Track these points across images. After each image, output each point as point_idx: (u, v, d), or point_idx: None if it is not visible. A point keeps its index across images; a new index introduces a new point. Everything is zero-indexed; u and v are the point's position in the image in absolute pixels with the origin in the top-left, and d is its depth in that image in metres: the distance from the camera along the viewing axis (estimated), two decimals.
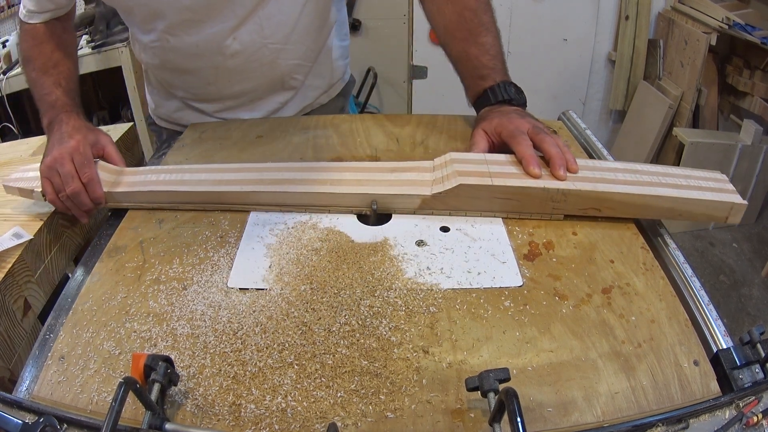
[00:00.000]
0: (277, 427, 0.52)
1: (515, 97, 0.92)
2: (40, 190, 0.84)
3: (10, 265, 0.75)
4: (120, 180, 0.86)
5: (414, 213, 0.77)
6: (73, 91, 0.98)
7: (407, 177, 0.77)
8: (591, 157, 0.95)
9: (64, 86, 0.97)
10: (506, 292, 0.65)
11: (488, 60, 0.93)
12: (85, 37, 2.34)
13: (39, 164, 0.86)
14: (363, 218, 0.78)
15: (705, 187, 0.71)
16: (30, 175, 0.88)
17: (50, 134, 0.91)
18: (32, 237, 0.79)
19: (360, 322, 0.61)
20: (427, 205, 0.75)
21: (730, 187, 0.71)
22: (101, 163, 0.87)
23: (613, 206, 0.70)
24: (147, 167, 0.91)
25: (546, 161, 0.76)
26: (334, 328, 0.61)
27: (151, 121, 1.28)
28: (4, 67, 2.38)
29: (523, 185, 0.70)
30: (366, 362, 0.57)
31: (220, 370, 0.57)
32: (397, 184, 0.76)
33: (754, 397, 0.52)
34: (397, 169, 0.79)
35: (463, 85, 0.99)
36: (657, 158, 2.70)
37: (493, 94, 0.92)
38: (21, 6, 1.02)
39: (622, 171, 0.72)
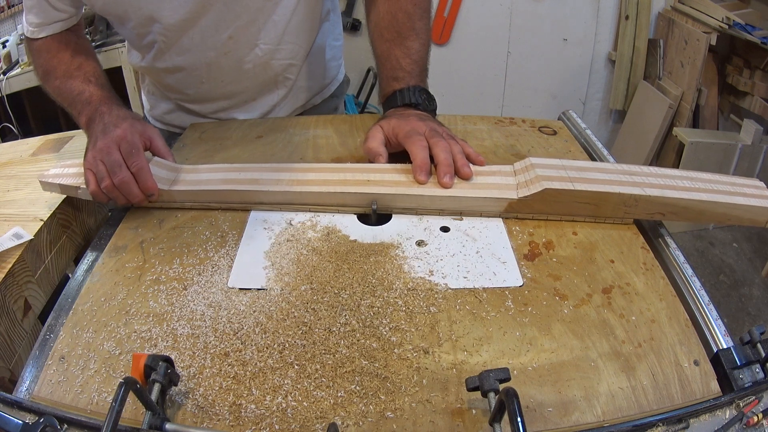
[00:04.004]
0: (277, 427, 0.52)
1: (422, 103, 0.91)
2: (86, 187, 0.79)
3: (10, 265, 0.74)
4: (179, 178, 0.83)
5: (499, 215, 0.77)
6: (105, 85, 0.93)
7: (491, 181, 0.77)
8: (591, 157, 0.95)
9: (94, 82, 0.92)
10: (506, 292, 0.65)
11: (408, 63, 0.92)
12: None
13: (78, 160, 0.82)
14: (363, 218, 0.78)
15: (749, 193, 0.73)
16: (71, 171, 0.84)
17: (91, 129, 0.85)
18: (32, 237, 0.79)
19: (360, 323, 0.61)
20: (513, 209, 0.75)
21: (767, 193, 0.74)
22: (156, 159, 0.83)
23: (676, 211, 0.72)
24: (207, 165, 0.87)
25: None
26: (334, 328, 0.61)
27: (146, 121, 1.27)
28: (4, 67, 2.39)
29: (602, 190, 0.72)
30: (366, 362, 0.57)
31: (221, 370, 0.57)
32: (480, 187, 0.76)
33: (754, 397, 0.52)
34: (482, 173, 0.79)
35: (378, 86, 0.99)
36: (657, 158, 2.71)
37: (401, 96, 0.91)
38: (24, 24, 0.98)
39: (680, 178, 0.75)
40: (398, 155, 0.85)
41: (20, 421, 0.50)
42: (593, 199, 0.72)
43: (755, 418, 0.50)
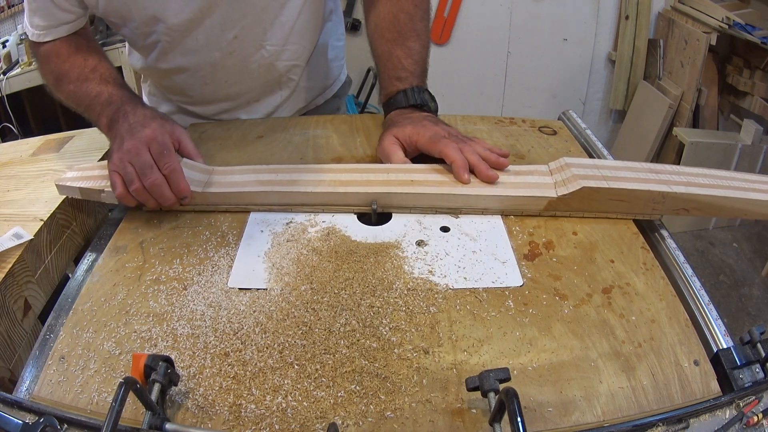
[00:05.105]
0: (277, 427, 0.52)
1: (427, 103, 0.91)
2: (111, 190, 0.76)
3: (10, 265, 0.74)
4: (212, 180, 0.81)
5: (539, 213, 0.77)
6: (124, 85, 0.90)
7: (531, 180, 0.78)
8: (591, 157, 0.95)
9: (112, 82, 0.89)
10: (507, 292, 0.65)
11: (410, 64, 0.92)
12: None
13: (96, 162, 0.78)
14: (363, 218, 0.78)
15: (762, 189, 0.76)
16: (92, 173, 0.82)
17: (115, 130, 0.81)
18: (32, 237, 0.79)
19: (360, 323, 0.61)
20: (552, 207, 0.76)
21: None
22: (186, 160, 0.81)
23: (699, 207, 0.75)
24: (240, 167, 0.85)
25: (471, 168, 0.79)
26: (334, 328, 0.61)
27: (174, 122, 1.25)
28: (4, 67, 2.39)
29: (634, 188, 0.74)
30: (366, 362, 0.57)
31: (221, 370, 0.57)
32: (521, 186, 0.77)
33: (754, 397, 0.52)
34: (520, 172, 0.80)
35: (379, 86, 0.98)
36: (657, 158, 2.70)
37: (406, 97, 0.91)
38: (28, 27, 0.95)
39: (699, 175, 0.78)
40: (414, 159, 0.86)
41: (20, 421, 0.50)
42: (626, 196, 0.74)
43: (755, 418, 0.50)
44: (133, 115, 0.81)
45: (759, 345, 0.55)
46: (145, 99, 1.23)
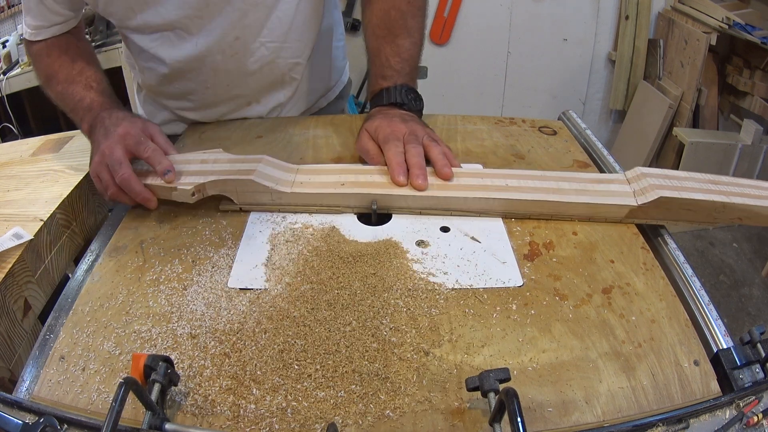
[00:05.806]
0: (277, 427, 0.52)
1: (408, 102, 0.91)
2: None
3: (10, 265, 0.74)
4: (296, 179, 0.81)
5: (620, 221, 0.78)
6: (106, 91, 0.94)
7: (613, 188, 0.79)
8: (591, 157, 0.95)
9: (96, 88, 0.92)
10: (507, 292, 0.65)
11: (397, 62, 0.92)
12: None
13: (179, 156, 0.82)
14: (363, 218, 0.78)
15: None
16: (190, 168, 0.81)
17: (94, 136, 0.85)
18: (32, 237, 0.79)
19: (360, 323, 0.61)
20: (632, 215, 0.77)
21: None
22: (268, 158, 0.82)
23: (750, 216, 0.77)
24: (326, 165, 0.86)
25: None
26: (334, 328, 0.61)
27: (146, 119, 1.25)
28: (4, 67, 2.39)
29: (700, 198, 0.76)
30: (366, 362, 0.57)
31: (220, 370, 0.57)
32: (601, 194, 0.78)
33: (754, 397, 0.52)
34: (600, 180, 0.81)
35: (368, 82, 0.99)
36: (657, 158, 2.71)
37: (387, 95, 0.91)
38: (23, 26, 0.97)
39: (752, 187, 0.79)
40: None
41: (20, 421, 0.50)
42: (693, 206, 0.76)
43: (755, 418, 0.50)
44: (108, 119, 0.84)
45: (759, 345, 0.55)
46: (140, 110, 1.23)
